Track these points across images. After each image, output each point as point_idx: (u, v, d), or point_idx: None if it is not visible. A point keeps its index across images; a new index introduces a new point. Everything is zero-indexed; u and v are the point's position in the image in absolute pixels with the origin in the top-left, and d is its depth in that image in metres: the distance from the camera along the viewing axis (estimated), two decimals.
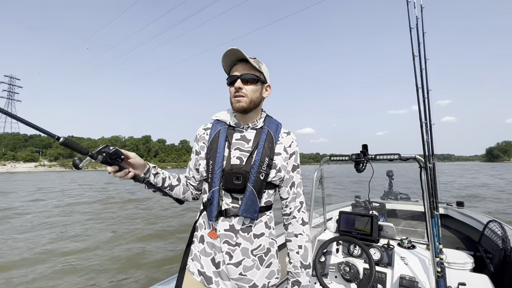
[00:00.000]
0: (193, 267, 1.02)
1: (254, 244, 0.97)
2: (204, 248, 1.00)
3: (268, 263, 1.00)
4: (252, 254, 0.97)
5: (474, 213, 3.02)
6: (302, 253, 1.04)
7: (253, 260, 0.96)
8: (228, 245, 0.95)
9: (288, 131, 1.09)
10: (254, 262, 0.97)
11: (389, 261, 1.81)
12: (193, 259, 1.03)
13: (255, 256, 0.97)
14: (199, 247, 1.02)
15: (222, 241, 0.95)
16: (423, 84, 1.97)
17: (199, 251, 1.01)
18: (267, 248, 1.01)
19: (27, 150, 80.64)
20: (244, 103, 0.97)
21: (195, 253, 1.03)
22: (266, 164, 0.95)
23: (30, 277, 4.17)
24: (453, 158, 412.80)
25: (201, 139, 1.07)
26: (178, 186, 1.08)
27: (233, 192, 0.96)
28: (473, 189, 15.84)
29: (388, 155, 1.73)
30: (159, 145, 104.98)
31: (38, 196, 14.40)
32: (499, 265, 1.86)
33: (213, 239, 0.98)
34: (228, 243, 0.95)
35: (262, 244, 0.99)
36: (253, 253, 0.97)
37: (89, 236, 6.50)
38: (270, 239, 1.03)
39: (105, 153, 0.81)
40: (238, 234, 0.96)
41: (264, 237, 1.00)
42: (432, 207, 1.57)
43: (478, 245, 2.40)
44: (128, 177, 0.89)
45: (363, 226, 2.04)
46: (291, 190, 1.06)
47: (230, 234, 0.96)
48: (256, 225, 0.98)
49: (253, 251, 0.97)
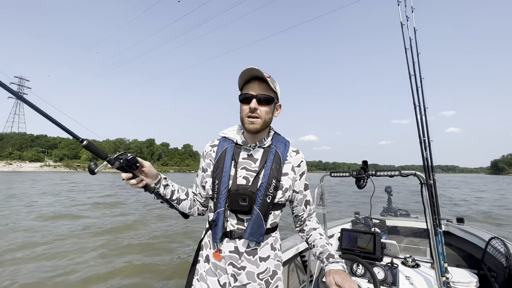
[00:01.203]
0: (198, 287, 1.01)
1: (260, 268, 0.96)
2: (210, 268, 0.99)
3: (274, 286, 0.99)
4: (258, 278, 0.95)
5: (475, 229, 2.97)
6: (325, 237, 1.06)
7: (259, 284, 0.95)
8: (233, 267, 0.94)
9: (297, 149, 1.08)
10: (260, 287, 0.95)
11: (394, 280, 1.77)
12: (199, 279, 1.02)
13: (261, 280, 0.96)
14: (204, 266, 1.01)
15: (227, 263, 0.95)
16: (419, 101, 2.01)
17: (205, 270, 1.00)
18: (273, 270, 1.00)
19: (33, 150, 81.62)
20: (258, 125, 0.96)
21: (201, 272, 1.02)
22: (273, 187, 0.94)
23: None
24: (458, 170, 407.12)
25: (208, 156, 1.06)
26: (186, 200, 1.07)
27: (239, 213, 0.95)
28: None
29: (388, 171, 1.71)
30: (162, 149, 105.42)
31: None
32: (504, 284, 1.82)
33: (217, 261, 0.97)
34: (233, 265, 0.94)
35: (268, 267, 0.98)
36: (259, 277, 0.96)
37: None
38: (276, 261, 1.02)
39: (122, 160, 0.81)
40: (243, 256, 0.95)
41: (270, 260, 0.99)
42: (435, 224, 1.56)
43: (481, 263, 2.35)
44: (140, 186, 0.89)
45: (365, 244, 2.00)
46: (306, 208, 1.09)
47: (235, 256, 0.95)
48: (262, 248, 0.97)
49: (259, 275, 0.96)
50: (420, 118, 1.99)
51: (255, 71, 0.93)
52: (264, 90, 0.96)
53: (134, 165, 0.85)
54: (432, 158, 1.98)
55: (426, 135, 2.00)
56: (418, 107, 1.99)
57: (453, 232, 3.16)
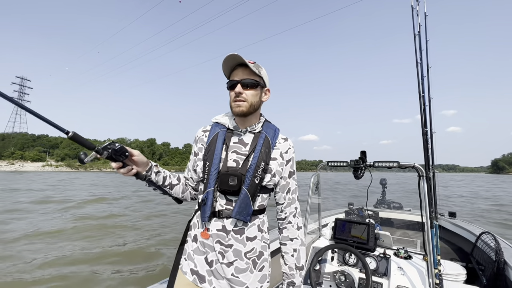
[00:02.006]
0: (186, 267, 1.03)
1: (247, 247, 0.98)
2: (198, 247, 1.01)
3: (260, 267, 1.02)
4: (245, 257, 0.98)
5: (467, 224, 3.00)
6: (297, 256, 1.07)
7: (247, 263, 0.98)
8: (220, 245, 0.97)
9: (286, 137, 1.10)
10: (248, 266, 0.98)
11: (386, 271, 1.79)
12: (186, 258, 1.04)
13: (248, 259, 0.98)
14: (192, 246, 1.03)
15: (214, 240, 0.97)
16: (424, 91, 1.95)
17: (193, 250, 1.03)
18: (260, 251, 1.02)
19: (35, 150, 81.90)
20: (244, 107, 0.99)
21: (189, 252, 1.04)
22: (262, 169, 0.97)
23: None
24: (458, 169, 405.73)
25: (200, 140, 1.09)
26: (178, 185, 1.10)
27: (228, 194, 0.97)
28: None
29: (387, 162, 1.71)
30: (163, 148, 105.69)
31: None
32: (492, 278, 1.84)
33: (205, 239, 0.99)
34: (220, 243, 0.97)
35: (255, 248, 1.00)
36: (247, 256, 0.98)
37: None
38: (263, 243, 1.04)
39: (110, 149, 0.82)
40: (230, 235, 0.97)
41: (257, 240, 1.01)
42: (432, 217, 1.56)
43: (470, 256, 2.37)
44: (131, 174, 0.91)
45: (359, 233, 2.02)
46: (287, 195, 1.08)
47: (222, 234, 0.97)
48: (249, 228, 1.00)
49: (246, 253, 0.98)
50: (424, 109, 1.94)
51: (237, 58, 0.96)
52: (247, 75, 0.99)
53: (123, 155, 0.86)
54: (433, 150, 1.95)
55: (429, 126, 1.96)
56: (423, 97, 1.93)
57: (444, 226, 3.20)
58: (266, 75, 1.05)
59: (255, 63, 1.01)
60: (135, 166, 0.93)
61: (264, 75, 1.04)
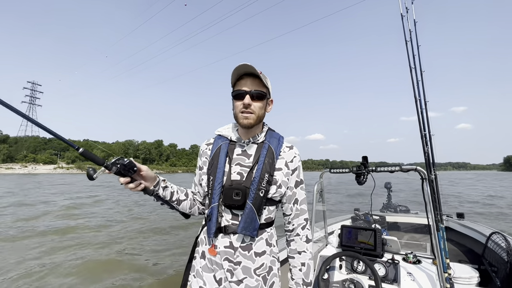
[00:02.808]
0: (195, 284, 1.01)
1: (256, 263, 0.96)
2: (206, 264, 1.00)
3: (271, 283, 0.99)
4: (255, 274, 0.95)
5: (476, 224, 2.95)
6: (305, 271, 1.03)
7: (257, 281, 0.95)
8: (229, 262, 0.95)
9: (291, 145, 1.07)
10: (258, 283, 0.95)
11: (395, 277, 1.76)
12: (195, 275, 1.02)
13: (258, 276, 0.96)
14: (201, 263, 1.02)
15: (222, 258, 0.96)
16: (420, 95, 1.99)
17: (201, 267, 1.01)
18: (269, 266, 1.00)
19: (47, 153, 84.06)
20: (252, 120, 0.97)
21: (197, 269, 1.02)
22: (266, 181, 0.94)
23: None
24: (469, 167, 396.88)
25: (204, 154, 1.08)
26: (186, 201, 1.08)
27: (233, 208, 0.96)
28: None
29: (389, 166, 1.69)
30: (170, 150, 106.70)
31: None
32: (506, 279, 1.80)
33: (212, 256, 0.98)
34: (229, 260, 0.95)
35: (265, 263, 0.98)
36: (256, 272, 0.96)
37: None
38: (272, 257, 1.01)
39: (119, 165, 0.82)
40: (238, 251, 0.95)
41: (266, 255, 0.99)
42: (437, 220, 1.55)
43: (482, 258, 2.33)
44: (139, 189, 0.90)
45: (366, 240, 1.99)
46: (294, 206, 1.05)
47: (230, 251, 0.95)
48: (257, 243, 0.97)
49: (255, 270, 0.96)
50: (421, 112, 1.97)
51: (249, 68, 0.94)
52: (257, 86, 0.97)
53: (132, 170, 0.86)
54: (433, 153, 1.96)
55: (427, 129, 1.98)
56: (419, 101, 1.97)
57: (453, 228, 3.14)
58: (270, 86, 1.04)
59: (262, 73, 0.97)
60: (143, 181, 0.92)
61: (270, 86, 1.03)
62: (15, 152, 79.31)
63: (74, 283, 4.02)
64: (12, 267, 4.56)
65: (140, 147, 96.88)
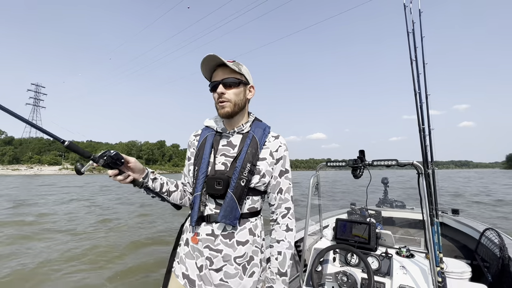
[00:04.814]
0: (178, 270, 1.03)
1: (238, 252, 0.96)
2: (189, 251, 1.02)
3: (250, 272, 0.99)
4: (235, 262, 0.96)
5: (470, 221, 2.96)
6: (281, 260, 1.01)
7: (236, 269, 0.96)
8: (209, 250, 0.96)
9: (277, 135, 1.07)
10: (237, 271, 0.96)
11: (388, 270, 1.77)
12: (179, 261, 1.05)
13: (238, 265, 0.96)
14: (184, 249, 1.04)
15: (203, 245, 0.97)
16: (420, 88, 1.96)
17: (185, 253, 1.03)
18: (250, 256, 1.00)
19: (51, 154, 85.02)
20: (228, 108, 0.98)
21: (181, 255, 1.04)
22: (248, 170, 0.95)
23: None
24: (472, 165, 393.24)
25: (192, 145, 1.11)
26: (176, 192, 1.08)
27: (216, 197, 0.97)
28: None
29: (385, 160, 1.69)
30: (173, 150, 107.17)
31: None
32: (497, 274, 1.81)
33: (194, 244, 0.99)
34: (209, 247, 0.96)
35: (246, 252, 0.98)
36: (236, 261, 0.96)
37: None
38: (254, 247, 1.01)
39: (106, 157, 0.83)
40: (219, 239, 0.96)
41: (248, 245, 0.98)
42: (432, 214, 1.55)
43: (474, 253, 2.34)
44: (127, 181, 0.90)
45: (360, 233, 2.00)
46: (278, 196, 1.04)
47: (211, 239, 0.96)
48: (239, 232, 0.98)
49: (236, 258, 0.96)
50: (420, 106, 1.94)
51: (216, 58, 0.95)
52: (228, 74, 0.98)
53: (119, 161, 0.87)
54: (432, 147, 1.95)
55: (427, 123, 1.96)
56: (418, 94, 1.94)
57: (447, 223, 3.15)
58: (248, 72, 1.04)
59: (235, 61, 1.00)
60: (131, 173, 0.92)
61: (246, 72, 1.03)
62: (20, 154, 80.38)
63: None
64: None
65: (143, 147, 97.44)
